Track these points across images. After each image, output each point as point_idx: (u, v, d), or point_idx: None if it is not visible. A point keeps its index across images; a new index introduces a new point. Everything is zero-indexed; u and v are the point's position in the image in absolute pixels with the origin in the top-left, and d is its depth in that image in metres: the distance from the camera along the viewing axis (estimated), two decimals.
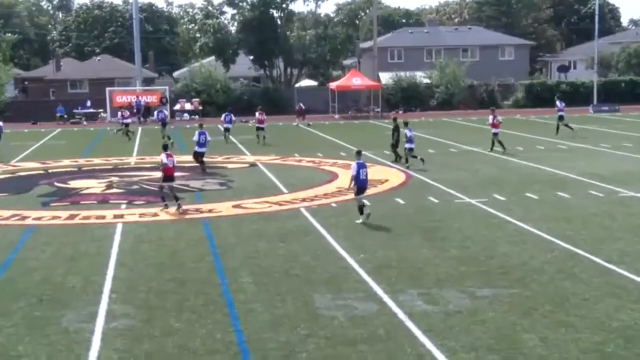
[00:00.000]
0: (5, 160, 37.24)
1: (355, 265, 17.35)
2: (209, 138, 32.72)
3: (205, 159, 32.46)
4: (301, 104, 58.82)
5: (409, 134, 32.42)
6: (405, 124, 33.29)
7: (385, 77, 72.96)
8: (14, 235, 21.12)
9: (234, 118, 45.37)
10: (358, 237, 20.09)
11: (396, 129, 34.01)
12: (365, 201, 22.03)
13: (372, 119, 61.28)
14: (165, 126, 44.85)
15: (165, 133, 43.35)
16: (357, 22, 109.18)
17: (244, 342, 12.78)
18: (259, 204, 25.13)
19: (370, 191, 26.80)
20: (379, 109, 65.63)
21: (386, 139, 39.51)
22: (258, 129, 43.81)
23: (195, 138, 32.41)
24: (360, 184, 22.07)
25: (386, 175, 30.54)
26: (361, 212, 21.99)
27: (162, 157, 24.23)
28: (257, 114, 44.59)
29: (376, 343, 12.70)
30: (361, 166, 22.10)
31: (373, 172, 31.06)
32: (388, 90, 69.72)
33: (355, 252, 18.49)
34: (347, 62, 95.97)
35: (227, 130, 44.36)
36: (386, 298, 14.93)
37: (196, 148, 32.27)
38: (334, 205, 24.45)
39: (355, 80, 66.14)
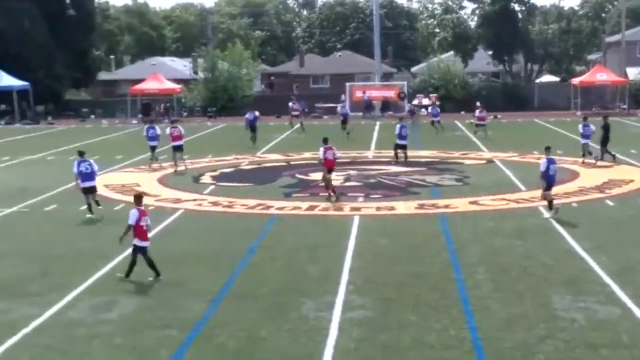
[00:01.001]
0: (252, 152, 39.06)
1: (597, 267, 16.68)
2: (408, 131, 34.37)
3: (442, 154, 32.55)
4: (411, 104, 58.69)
5: (581, 130, 32.53)
6: (584, 118, 33.48)
7: (634, 73, 69.44)
8: (258, 223, 22.13)
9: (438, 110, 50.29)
10: (600, 238, 19.30)
11: (606, 128, 33.23)
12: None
13: (617, 117, 58.52)
14: (346, 122, 46.72)
15: (348, 129, 45.69)
16: (604, 15, 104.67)
17: (479, 340, 12.66)
18: (496, 201, 24.77)
19: (614, 191, 25.72)
20: (625, 106, 62.64)
21: (631, 137, 37.70)
22: (477, 125, 44.79)
23: (397, 131, 33.65)
24: (548, 180, 21.79)
25: (632, 175, 29.11)
26: (550, 207, 21.80)
27: (321, 151, 25.81)
28: (477, 111, 45.69)
29: (619, 349, 12.16)
30: (550, 162, 21.89)
31: (618, 172, 29.76)
32: (636, 86, 66.34)
33: (597, 253, 17.77)
34: (591, 57, 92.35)
35: (433, 123, 47.89)
36: (630, 303, 14.24)
37: (397, 140, 33.66)
38: (574, 205, 23.64)
39: (600, 76, 63.49)
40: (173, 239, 20.23)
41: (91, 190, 22.93)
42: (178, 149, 33.00)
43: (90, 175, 22.85)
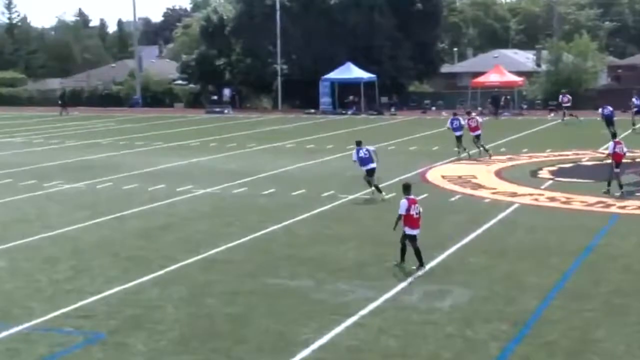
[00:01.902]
0: (594, 148, 37.64)
1: None
2: None
3: None
4: None
5: None
6: None
7: None
8: (597, 221, 21.34)
9: None
10: None
11: None
12: None
13: None
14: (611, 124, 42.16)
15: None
16: None
17: None
18: None
19: None
20: None
21: None
22: None
23: None
24: None
25: None
26: None
27: (610, 146, 25.69)
28: None
29: None
30: None
31: None
32: None
33: None
34: None
35: None
36: None
37: None
38: None
39: None
40: (507, 232, 20.14)
41: (373, 172, 25.29)
42: (477, 138, 34.67)
43: (369, 159, 25.34)
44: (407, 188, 17.16)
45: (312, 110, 67.01)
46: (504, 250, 18.15)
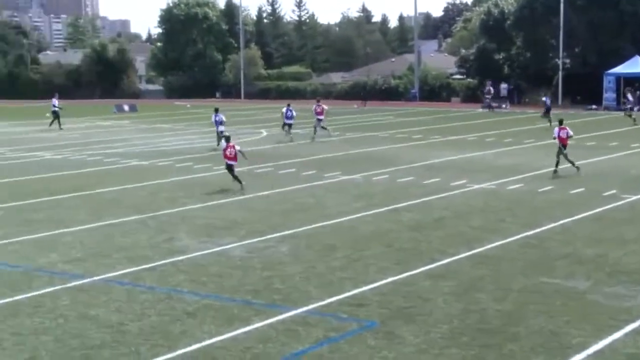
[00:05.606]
0: None
1: None
2: None
3: None
4: None
5: None
6: None
7: None
8: None
9: None
10: None
11: None
12: None
13: None
14: None
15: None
16: None
17: None
18: None
19: None
20: None
21: None
22: None
23: None
24: None
25: None
26: None
27: None
28: None
29: None
30: None
31: None
32: None
33: None
34: None
35: None
36: None
37: None
38: None
39: None
40: None
41: (291, 127, 42.46)
42: None
43: (291, 117, 41.10)
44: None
45: (594, 106, 64.39)
46: None
